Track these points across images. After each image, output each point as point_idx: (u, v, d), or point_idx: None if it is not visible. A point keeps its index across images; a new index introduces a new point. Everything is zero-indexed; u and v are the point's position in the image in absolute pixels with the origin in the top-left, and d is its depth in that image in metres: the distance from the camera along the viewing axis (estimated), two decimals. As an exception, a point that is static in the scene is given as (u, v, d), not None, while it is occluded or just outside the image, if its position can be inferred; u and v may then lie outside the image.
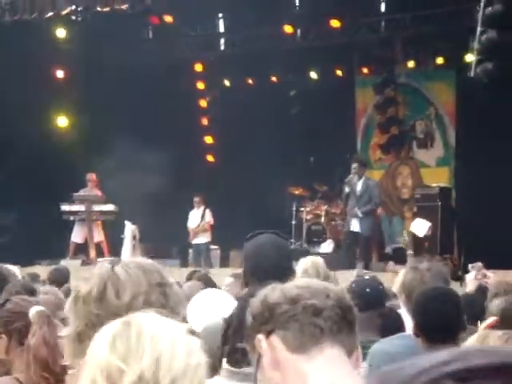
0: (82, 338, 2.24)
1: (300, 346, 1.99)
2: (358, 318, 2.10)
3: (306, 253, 14.88)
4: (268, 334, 2.04)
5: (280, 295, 2.05)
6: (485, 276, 7.95)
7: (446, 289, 4.37)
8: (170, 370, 1.65)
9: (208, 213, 17.18)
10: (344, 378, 1.98)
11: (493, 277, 8.26)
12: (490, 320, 3.81)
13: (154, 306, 2.23)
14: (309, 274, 5.44)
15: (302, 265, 5.82)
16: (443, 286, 4.56)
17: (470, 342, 2.82)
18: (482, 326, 3.75)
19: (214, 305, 4.93)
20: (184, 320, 2.38)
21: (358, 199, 15.31)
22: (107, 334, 1.72)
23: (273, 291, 2.09)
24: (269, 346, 2.02)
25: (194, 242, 17.23)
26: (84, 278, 2.35)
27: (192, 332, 1.75)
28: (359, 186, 15.40)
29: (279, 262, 3.68)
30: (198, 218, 17.21)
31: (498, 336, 2.77)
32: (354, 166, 15.60)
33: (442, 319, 3.95)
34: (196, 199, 17.27)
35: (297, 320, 2.01)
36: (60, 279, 8.55)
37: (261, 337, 2.03)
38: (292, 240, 16.55)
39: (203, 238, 17.17)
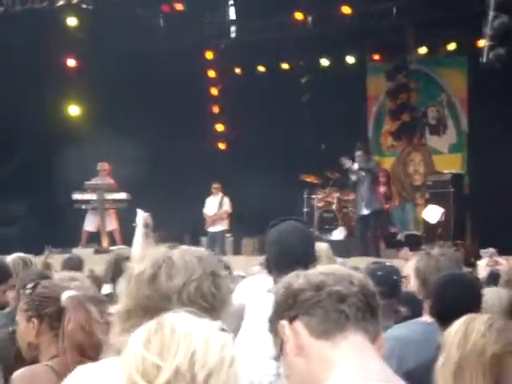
0: (130, 316, 2.28)
1: (324, 332, 2.00)
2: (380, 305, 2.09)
3: (318, 240, 14.89)
4: (291, 320, 2.04)
5: (304, 281, 2.06)
6: (497, 263, 7.93)
7: (464, 274, 4.36)
8: (205, 364, 1.67)
9: (226, 201, 17.17)
10: (369, 365, 1.97)
11: (505, 263, 8.25)
12: None
13: (205, 295, 2.29)
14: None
15: None
16: (460, 272, 4.55)
17: (457, 324, 2.81)
18: None
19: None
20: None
21: (363, 182, 15.39)
22: (141, 334, 1.74)
23: (297, 278, 2.10)
24: (292, 332, 2.02)
25: (210, 229, 17.20)
26: (140, 258, 2.40)
27: (224, 329, 1.76)
28: (365, 167, 15.47)
29: (303, 248, 3.68)
30: (216, 205, 17.19)
31: (484, 321, 2.77)
32: (358, 153, 15.64)
33: (460, 305, 3.93)
34: (215, 186, 17.25)
35: (321, 306, 2.01)
36: (74, 268, 8.55)
37: (284, 322, 2.04)
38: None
39: (220, 226, 17.16)
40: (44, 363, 3.47)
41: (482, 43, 14.62)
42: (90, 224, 16.78)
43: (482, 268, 7.56)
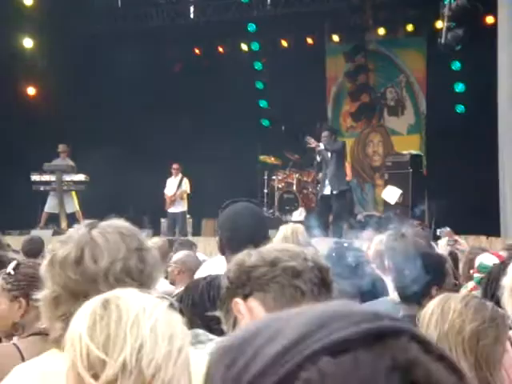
0: (58, 303, 2.21)
1: (280, 307, 1.95)
2: (336, 283, 2.10)
3: (278, 221, 14.90)
4: (245, 297, 2.02)
5: (258, 258, 2.04)
6: (456, 242, 8.03)
7: (420, 253, 4.39)
8: (152, 359, 1.62)
9: (186, 181, 17.11)
10: None
11: (464, 243, 8.35)
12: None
13: (132, 272, 2.22)
14: (288, 241, 5.44)
15: (283, 231, 5.81)
16: (425, 251, 4.58)
17: (432, 304, 2.84)
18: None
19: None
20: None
21: (328, 162, 15.31)
22: (86, 317, 1.68)
23: (249, 255, 2.07)
24: (247, 309, 2.00)
25: (170, 210, 17.13)
26: (60, 240, 2.30)
27: (173, 306, 1.72)
28: (329, 153, 15.38)
29: (256, 229, 3.68)
30: (175, 186, 17.13)
31: (459, 300, 2.79)
32: (325, 134, 15.53)
33: (414, 283, 3.97)
34: (174, 166, 17.15)
35: (277, 282, 1.99)
36: (34, 249, 8.48)
37: (239, 300, 2.02)
38: (264, 208, 16.55)
39: (180, 207, 17.10)
40: (12, 342, 3.46)
41: (440, 24, 14.70)
42: (50, 205, 16.67)
43: (442, 247, 7.64)
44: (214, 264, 4.42)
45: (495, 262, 4.88)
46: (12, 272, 3.66)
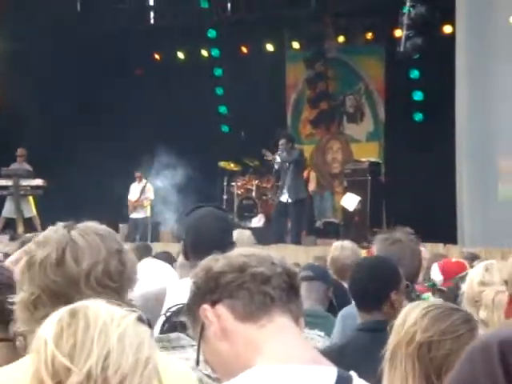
0: (37, 305, 2.19)
1: (250, 314, 1.96)
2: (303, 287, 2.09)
3: (237, 227, 14.89)
4: (213, 303, 2.00)
5: (225, 264, 2.02)
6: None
7: (378, 259, 4.41)
8: (118, 368, 1.59)
9: (149, 187, 17.11)
10: (295, 346, 1.97)
11: (424, 250, 8.38)
12: None
13: (112, 274, 2.21)
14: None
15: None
16: (375, 256, 4.60)
17: (402, 313, 2.85)
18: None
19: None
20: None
21: (286, 171, 15.39)
22: (53, 324, 1.65)
23: (216, 261, 2.05)
24: (215, 316, 1.99)
25: (132, 216, 17.12)
26: (37, 241, 2.27)
27: (141, 319, 1.71)
28: (288, 160, 15.44)
29: (220, 234, 3.68)
30: (138, 191, 17.14)
31: (422, 308, 2.80)
32: (282, 141, 15.59)
33: (370, 288, 3.98)
34: (137, 174, 17.22)
35: (246, 288, 1.97)
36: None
37: (206, 306, 2.00)
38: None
39: (142, 213, 17.09)
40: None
41: (399, 33, 14.83)
42: (7, 210, 16.54)
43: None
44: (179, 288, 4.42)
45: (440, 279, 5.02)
46: None
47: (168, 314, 3.31)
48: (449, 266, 5.61)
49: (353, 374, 1.97)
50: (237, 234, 5.97)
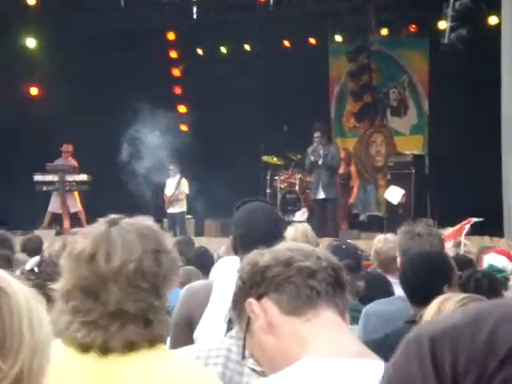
0: (69, 298, 2.20)
1: (295, 308, 1.97)
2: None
3: (283, 221, 14.88)
4: (259, 297, 2.01)
5: (271, 258, 2.03)
6: (460, 243, 8.00)
7: (430, 253, 4.38)
8: (20, 345, 1.35)
9: (184, 182, 17.11)
10: (342, 340, 1.97)
11: (469, 244, 8.31)
12: None
13: (146, 274, 2.19)
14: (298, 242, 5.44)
15: (291, 232, 5.80)
16: (427, 251, 4.57)
17: (432, 304, 2.83)
18: None
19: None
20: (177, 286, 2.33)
21: (321, 167, 15.42)
22: None
23: (262, 255, 2.06)
24: (261, 310, 1.99)
25: (169, 211, 17.13)
26: (81, 233, 2.28)
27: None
28: (322, 154, 15.45)
29: (269, 227, 3.68)
30: (173, 186, 17.14)
31: (457, 300, 2.78)
32: (317, 134, 15.59)
33: (422, 283, 3.96)
34: (171, 167, 17.18)
35: (292, 282, 1.98)
36: (33, 248, 8.46)
37: (252, 300, 2.01)
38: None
39: (178, 208, 17.09)
40: None
41: (444, 24, 14.69)
42: (53, 206, 16.71)
43: (449, 249, 7.62)
44: (223, 262, 4.48)
45: (504, 264, 4.87)
46: (36, 269, 3.55)
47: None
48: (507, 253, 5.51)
49: None
50: (300, 229, 5.97)
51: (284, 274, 1.99)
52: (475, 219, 8.63)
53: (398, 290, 4.56)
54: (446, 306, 2.75)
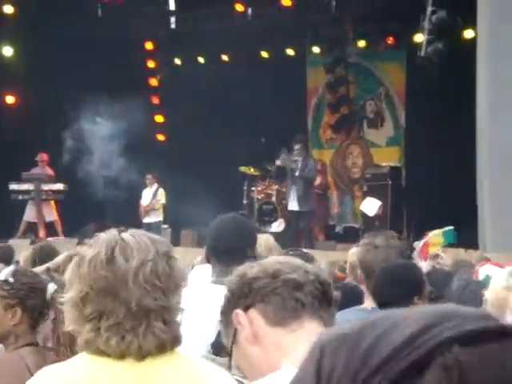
0: (86, 302, 2.23)
1: (281, 319, 2.00)
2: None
3: (259, 232, 14.90)
4: (246, 308, 2.03)
5: (259, 270, 2.06)
6: (437, 256, 8.03)
7: (405, 264, 4.43)
8: None
9: (161, 192, 17.10)
10: None
11: (445, 256, 8.35)
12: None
13: (160, 275, 2.26)
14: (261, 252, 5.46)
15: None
16: (400, 262, 4.59)
17: None
18: None
19: None
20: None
21: (297, 178, 15.53)
22: None
23: (251, 267, 2.09)
24: (248, 321, 2.02)
25: (145, 220, 17.10)
26: (87, 244, 2.34)
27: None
28: (300, 166, 15.55)
29: (233, 239, 3.85)
30: (150, 196, 17.13)
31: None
32: (297, 146, 15.71)
33: (393, 294, 4.00)
34: (148, 177, 17.18)
35: (278, 294, 2.01)
36: (3, 257, 8.41)
37: (239, 311, 2.03)
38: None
39: (154, 217, 17.08)
40: (16, 351, 3.42)
41: (420, 37, 14.79)
42: (29, 215, 16.62)
43: (427, 263, 7.65)
44: (201, 271, 4.58)
45: None
46: (10, 279, 3.57)
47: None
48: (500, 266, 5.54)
49: None
50: (263, 240, 5.99)
51: (270, 286, 2.02)
52: (435, 231, 8.72)
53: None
54: None
